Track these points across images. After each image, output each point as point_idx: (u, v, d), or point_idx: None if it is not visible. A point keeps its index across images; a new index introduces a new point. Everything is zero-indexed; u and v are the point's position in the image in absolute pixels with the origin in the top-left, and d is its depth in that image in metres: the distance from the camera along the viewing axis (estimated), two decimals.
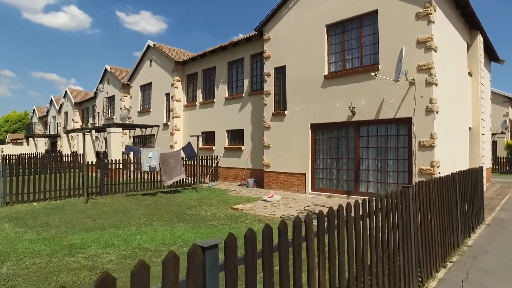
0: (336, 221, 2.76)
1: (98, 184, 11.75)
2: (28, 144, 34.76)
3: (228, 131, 15.77)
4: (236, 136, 15.44)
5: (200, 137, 15.72)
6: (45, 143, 32.79)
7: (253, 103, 14.34)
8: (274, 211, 8.72)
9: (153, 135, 20.12)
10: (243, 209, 8.96)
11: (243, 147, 14.75)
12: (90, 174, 11.59)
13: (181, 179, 13.72)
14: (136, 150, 11.81)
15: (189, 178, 14.30)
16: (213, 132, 16.44)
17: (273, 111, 12.62)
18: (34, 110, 44.67)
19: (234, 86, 15.61)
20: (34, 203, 9.91)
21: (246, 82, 14.81)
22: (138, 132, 21.57)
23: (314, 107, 11.27)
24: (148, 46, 20.47)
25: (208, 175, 15.51)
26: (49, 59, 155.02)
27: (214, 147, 16.27)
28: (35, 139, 32.56)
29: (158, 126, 19.68)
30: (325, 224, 2.64)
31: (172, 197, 11.30)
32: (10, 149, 31.84)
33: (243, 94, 14.85)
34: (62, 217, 8.17)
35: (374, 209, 3.25)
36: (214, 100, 16.31)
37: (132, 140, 22.38)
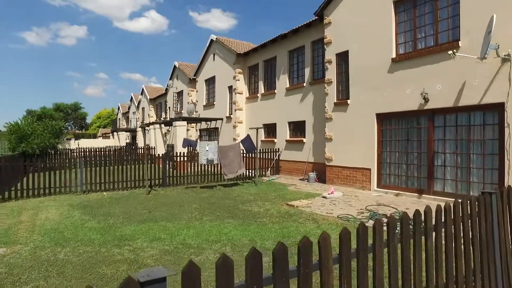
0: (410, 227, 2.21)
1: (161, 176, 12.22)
2: (113, 138, 38.54)
3: (289, 123, 15.24)
4: (297, 128, 14.83)
5: (260, 130, 15.57)
6: (127, 136, 35.95)
7: (315, 93, 13.55)
8: (332, 209, 8.02)
9: (218, 128, 20.50)
10: (298, 206, 8.43)
11: (304, 140, 14.10)
12: (159, 166, 12.13)
13: (243, 173, 13.68)
14: (193, 143, 11.98)
15: (250, 171, 14.16)
16: (275, 124, 16.05)
17: (335, 101, 11.71)
18: (118, 107, 49.39)
19: (295, 75, 14.96)
20: (104, 193, 10.67)
21: (307, 71, 14.06)
22: (204, 125, 22.23)
23: (380, 95, 10.12)
24: (211, 40, 20.82)
25: (269, 169, 15.22)
26: (134, 61, 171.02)
27: (275, 140, 15.90)
28: (119, 133, 35.94)
29: (221, 119, 19.98)
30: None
31: (230, 190, 11.23)
32: (98, 143, 35.62)
33: (304, 84, 14.13)
34: (123, 207, 8.56)
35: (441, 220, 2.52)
36: (275, 91, 15.88)
37: (198, 134, 23.18)
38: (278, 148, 15.59)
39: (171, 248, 5.31)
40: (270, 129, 16.52)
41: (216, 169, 13.07)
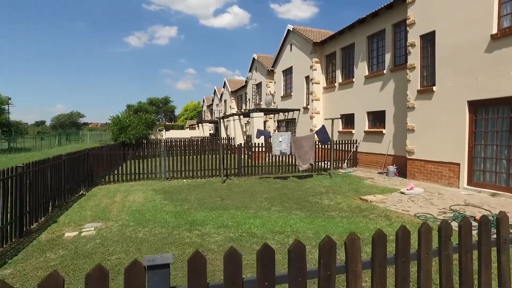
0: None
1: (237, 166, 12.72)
2: (198, 129, 41.38)
3: (368, 113, 14.38)
4: (377, 118, 13.92)
5: (337, 120, 15.00)
6: (210, 127, 38.22)
7: (396, 80, 12.50)
8: (410, 206, 7.37)
9: (295, 119, 20.42)
10: (372, 200, 7.96)
11: (384, 131, 13.17)
12: (237, 156, 12.67)
13: (318, 164, 13.43)
14: (267, 134, 12.14)
15: (325, 163, 13.84)
16: (352, 114, 15.32)
17: (419, 88, 10.63)
18: (203, 99, 52.70)
19: (375, 62, 13.98)
20: (184, 180, 11.57)
21: (387, 57, 13.01)
22: (281, 116, 22.37)
23: (473, 79, 8.84)
24: (288, 30, 20.67)
25: (345, 161, 14.65)
26: (219, 55, 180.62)
27: (353, 131, 15.19)
28: (203, 124, 38.42)
29: (298, 109, 19.83)
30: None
31: (303, 182, 11.15)
32: (185, 133, 38.60)
33: (384, 71, 13.12)
34: (199, 194, 9.18)
35: None
36: (353, 79, 15.10)
37: (276, 124, 23.43)
38: (356, 140, 14.87)
39: (235, 235, 5.53)
40: (348, 120, 15.83)
41: (290, 160, 13.08)
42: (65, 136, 38.51)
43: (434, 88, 10.03)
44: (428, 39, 10.31)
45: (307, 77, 18.85)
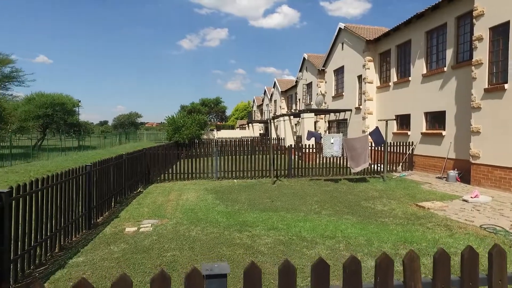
0: None
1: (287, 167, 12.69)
2: (248, 129, 41.99)
3: (426, 113, 13.51)
4: (435, 119, 13.02)
5: (392, 122, 14.29)
6: (260, 127, 38.58)
7: (458, 78, 11.57)
8: (474, 216, 6.80)
9: (346, 119, 19.87)
10: (430, 208, 7.48)
11: (444, 132, 12.27)
12: (285, 156, 12.68)
13: (371, 167, 12.93)
14: (317, 136, 11.93)
15: (378, 166, 13.28)
16: (408, 115, 14.50)
17: (486, 86, 9.74)
18: (253, 100, 53.35)
19: (434, 59, 13.07)
20: (235, 180, 11.81)
21: (448, 53, 12.09)
22: (332, 116, 21.89)
23: None
24: (340, 28, 20.14)
25: (400, 164, 13.91)
26: (268, 55, 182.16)
27: (409, 132, 14.37)
28: (253, 124, 38.91)
29: (350, 110, 19.26)
30: None
31: (355, 185, 10.81)
32: (235, 133, 39.38)
33: (445, 68, 12.21)
34: (249, 195, 9.31)
35: None
36: (410, 78, 14.27)
37: (327, 125, 22.98)
38: (412, 142, 14.05)
39: (285, 239, 5.53)
40: (403, 121, 15.01)
41: (342, 162, 12.75)
42: (124, 135, 41.38)
43: (506, 86, 9.11)
44: (500, 32, 9.39)
45: (359, 77, 18.22)
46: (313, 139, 13.35)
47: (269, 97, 40.53)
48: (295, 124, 24.22)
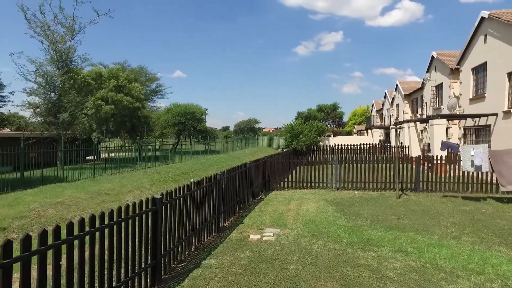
0: None
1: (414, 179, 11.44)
2: (367, 135, 39.78)
3: None
4: None
5: None
6: (380, 134, 36.08)
7: None
8: None
9: (489, 125, 16.80)
10: None
11: None
12: (412, 167, 11.48)
13: None
14: (454, 147, 10.35)
15: None
16: None
17: None
18: (372, 104, 50.31)
19: None
20: (355, 192, 11.24)
21: None
22: (469, 122, 18.83)
23: None
24: (482, 18, 17.13)
25: None
26: (387, 55, 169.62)
27: None
28: (372, 130, 36.68)
29: (495, 114, 16.19)
30: None
31: (505, 207, 9.00)
32: (353, 140, 37.80)
33: None
34: (372, 209, 8.71)
35: None
36: None
37: (462, 132, 19.89)
38: None
39: (417, 265, 4.94)
40: None
41: (486, 176, 10.78)
42: (244, 140, 44.36)
43: None
44: None
45: (509, 73, 15.16)
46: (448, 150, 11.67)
47: (390, 101, 37.55)
48: (421, 131, 21.77)
